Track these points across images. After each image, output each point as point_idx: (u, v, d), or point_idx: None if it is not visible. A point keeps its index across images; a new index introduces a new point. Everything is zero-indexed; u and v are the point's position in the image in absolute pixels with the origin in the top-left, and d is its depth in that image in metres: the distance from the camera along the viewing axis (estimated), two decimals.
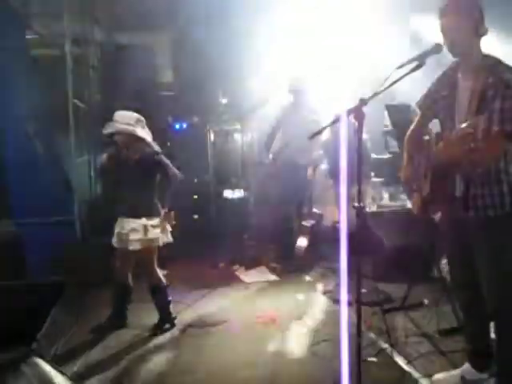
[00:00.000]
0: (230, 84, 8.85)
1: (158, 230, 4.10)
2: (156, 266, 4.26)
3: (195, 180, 8.11)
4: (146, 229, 4.06)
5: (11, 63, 5.85)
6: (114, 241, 4.24)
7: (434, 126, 3.12)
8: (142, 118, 4.18)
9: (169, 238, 4.24)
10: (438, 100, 3.01)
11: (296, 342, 3.96)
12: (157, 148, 4.18)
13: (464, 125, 2.59)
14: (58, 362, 3.55)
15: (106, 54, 7.66)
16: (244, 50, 8.33)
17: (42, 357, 3.35)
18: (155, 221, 4.10)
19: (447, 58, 2.91)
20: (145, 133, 4.14)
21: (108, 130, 4.12)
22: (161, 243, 4.18)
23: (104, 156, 4.30)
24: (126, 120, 4.08)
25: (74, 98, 6.02)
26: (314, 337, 4.00)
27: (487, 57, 2.80)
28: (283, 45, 7.77)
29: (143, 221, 4.07)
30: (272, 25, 8.30)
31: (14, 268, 5.20)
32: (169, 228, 4.24)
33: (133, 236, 4.08)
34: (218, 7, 8.15)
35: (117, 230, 4.22)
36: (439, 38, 2.82)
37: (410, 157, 3.14)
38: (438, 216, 3.17)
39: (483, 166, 2.71)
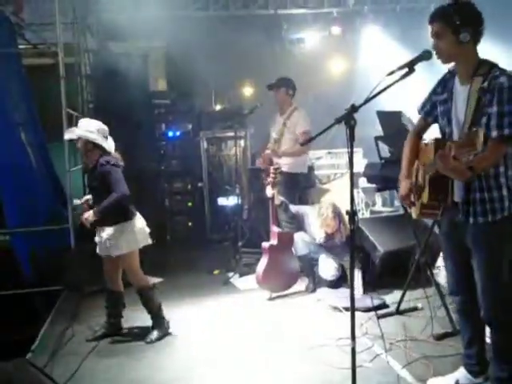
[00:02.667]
0: (223, 91, 8.91)
1: (133, 234, 4.12)
2: (139, 269, 4.27)
3: (189, 187, 8.14)
4: (120, 234, 4.09)
5: (4, 72, 5.85)
6: (98, 249, 4.30)
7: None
8: (106, 128, 4.23)
9: (147, 241, 4.26)
10: (437, 104, 3.02)
11: (291, 348, 3.96)
12: (114, 159, 4.15)
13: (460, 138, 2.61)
14: (52, 371, 3.55)
15: (99, 63, 7.67)
16: (237, 57, 8.39)
17: (36, 366, 3.35)
18: (126, 225, 4.12)
19: None
20: (105, 142, 4.16)
21: (68, 135, 4.28)
22: (140, 246, 4.21)
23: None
24: (87, 127, 4.14)
25: (67, 106, 6.02)
26: (308, 342, 3.99)
27: (483, 62, 2.82)
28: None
29: (115, 227, 4.10)
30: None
31: (8, 277, 5.19)
32: (147, 229, 4.26)
33: (110, 242, 4.12)
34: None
35: (96, 238, 4.28)
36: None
37: (408, 168, 3.13)
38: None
39: (483, 172, 2.73)
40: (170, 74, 8.72)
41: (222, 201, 7.87)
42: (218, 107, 8.73)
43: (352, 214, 2.70)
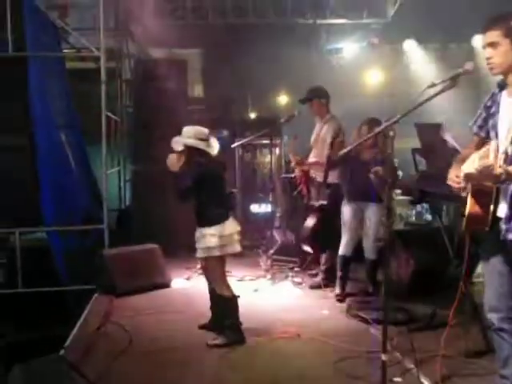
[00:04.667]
0: (259, 98, 8.96)
1: (215, 240, 4.09)
2: (220, 276, 4.24)
3: None
4: (203, 237, 4.12)
5: (48, 75, 6.02)
6: None
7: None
8: (204, 131, 4.25)
9: (232, 249, 4.21)
10: (487, 119, 2.95)
11: (320, 359, 3.94)
12: (206, 164, 4.18)
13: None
14: (84, 369, 3.60)
15: (139, 68, 7.81)
16: (274, 66, 8.44)
17: (69, 363, 3.42)
18: (210, 230, 4.11)
19: None
20: (202, 144, 4.19)
21: (174, 146, 4.22)
22: (220, 253, 4.14)
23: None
24: (186, 134, 4.21)
25: (106, 110, 6.15)
26: (338, 354, 3.96)
27: None
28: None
29: (201, 230, 4.14)
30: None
31: (45, 275, 5.31)
32: (236, 237, 4.23)
33: (196, 244, 4.18)
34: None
35: None
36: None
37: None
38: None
39: None
40: (206, 81, 8.82)
41: (254, 208, 7.90)
42: (253, 114, 8.78)
43: (389, 225, 2.69)
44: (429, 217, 7.15)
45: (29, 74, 5.56)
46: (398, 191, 5.95)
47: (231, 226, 4.22)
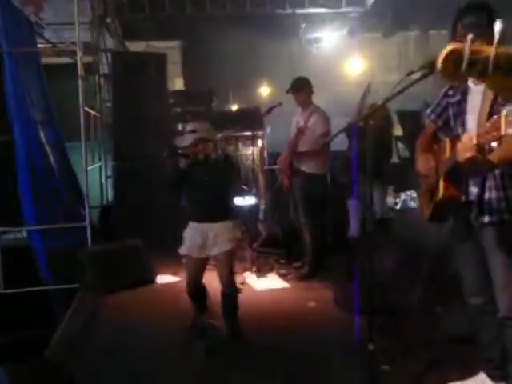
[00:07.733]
0: (240, 90, 8.92)
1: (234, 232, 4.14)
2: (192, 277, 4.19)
3: None
4: (226, 230, 4.10)
5: (23, 71, 5.91)
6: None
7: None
8: (189, 127, 4.30)
9: (221, 248, 4.06)
10: (448, 107, 2.99)
11: (309, 350, 3.93)
12: None
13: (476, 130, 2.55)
14: (70, 369, 3.56)
15: (117, 62, 7.72)
16: (254, 57, 8.40)
17: (53, 364, 3.38)
18: (230, 222, 4.12)
19: None
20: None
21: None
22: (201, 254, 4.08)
23: None
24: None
25: (85, 105, 6.06)
26: (326, 345, 3.96)
27: None
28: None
29: (222, 223, 4.11)
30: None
31: (26, 275, 5.24)
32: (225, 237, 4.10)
33: (218, 238, 4.11)
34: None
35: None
36: None
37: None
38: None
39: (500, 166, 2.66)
40: (186, 74, 8.75)
41: (238, 201, 7.86)
42: (235, 106, 8.74)
43: (371, 216, 2.67)
44: (414, 204, 7.18)
45: (4, 70, 5.45)
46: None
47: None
